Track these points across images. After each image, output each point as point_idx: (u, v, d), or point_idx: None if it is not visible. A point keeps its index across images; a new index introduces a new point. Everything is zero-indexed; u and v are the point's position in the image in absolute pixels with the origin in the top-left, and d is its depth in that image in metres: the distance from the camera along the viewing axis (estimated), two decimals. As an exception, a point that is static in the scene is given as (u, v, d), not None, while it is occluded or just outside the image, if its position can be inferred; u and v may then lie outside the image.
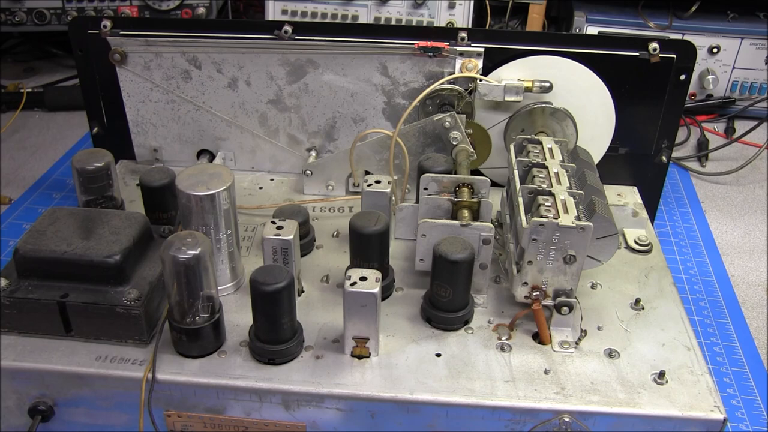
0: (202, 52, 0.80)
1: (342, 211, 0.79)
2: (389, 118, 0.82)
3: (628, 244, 0.74)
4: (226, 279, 0.66)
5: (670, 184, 1.04)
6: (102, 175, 0.70)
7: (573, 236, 0.58)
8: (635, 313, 0.65)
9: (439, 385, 0.57)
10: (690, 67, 0.78)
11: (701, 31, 1.15)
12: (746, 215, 0.99)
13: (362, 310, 0.56)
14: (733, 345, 0.77)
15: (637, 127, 0.81)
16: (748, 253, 0.92)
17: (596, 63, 0.78)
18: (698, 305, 0.82)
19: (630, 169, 0.84)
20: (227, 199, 0.62)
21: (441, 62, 0.78)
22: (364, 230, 0.62)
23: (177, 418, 0.58)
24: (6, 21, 1.19)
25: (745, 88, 1.18)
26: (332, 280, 0.68)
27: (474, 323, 0.63)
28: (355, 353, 0.59)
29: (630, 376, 0.59)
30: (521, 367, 0.59)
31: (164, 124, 0.85)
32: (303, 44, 0.78)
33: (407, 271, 0.69)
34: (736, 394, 0.71)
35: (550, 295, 0.61)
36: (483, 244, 0.63)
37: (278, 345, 0.58)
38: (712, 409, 0.56)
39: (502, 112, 0.80)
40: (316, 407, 0.57)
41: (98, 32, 0.80)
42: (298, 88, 0.81)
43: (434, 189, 0.68)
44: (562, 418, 0.56)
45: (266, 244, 0.62)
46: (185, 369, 0.58)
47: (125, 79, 0.83)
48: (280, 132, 0.85)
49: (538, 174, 0.65)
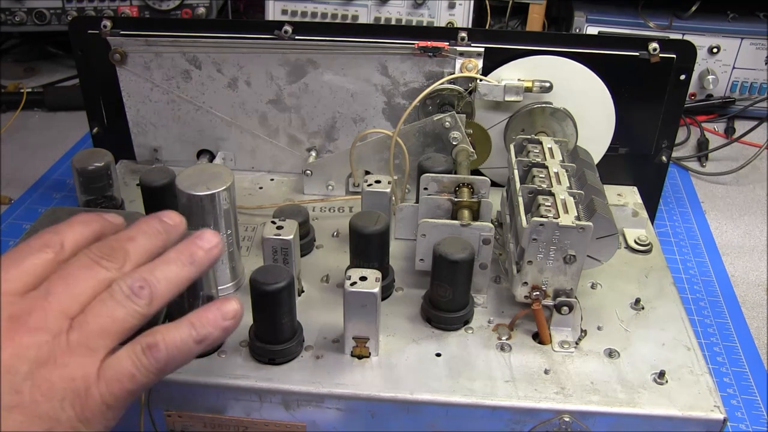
0: (202, 52, 0.80)
1: (342, 211, 0.79)
2: (389, 118, 0.82)
3: (628, 244, 0.74)
4: (226, 279, 0.66)
5: (670, 184, 1.03)
6: (102, 175, 0.70)
7: (573, 236, 0.58)
8: (635, 313, 0.65)
9: (439, 385, 0.57)
10: (690, 67, 0.78)
11: (701, 31, 1.15)
12: (746, 215, 0.99)
13: (362, 310, 0.56)
14: (733, 345, 0.77)
15: (637, 127, 0.81)
16: (748, 253, 0.92)
17: (596, 63, 0.78)
18: (698, 305, 0.82)
19: (630, 169, 0.84)
20: (227, 199, 0.62)
21: (441, 62, 0.78)
22: (364, 230, 0.62)
23: (177, 418, 0.58)
24: (6, 21, 1.19)
25: (745, 88, 1.18)
26: (332, 280, 0.68)
27: (474, 323, 0.63)
28: (355, 353, 0.59)
29: (630, 376, 0.59)
30: (521, 367, 0.59)
31: (164, 124, 0.85)
32: (303, 44, 0.78)
33: (407, 271, 0.69)
34: (736, 394, 0.71)
35: (550, 295, 0.61)
36: (483, 244, 0.63)
37: (278, 345, 0.58)
38: (712, 409, 0.56)
39: (502, 112, 0.80)
40: (316, 407, 0.57)
41: (98, 32, 0.80)
42: (298, 88, 0.81)
43: (434, 189, 0.68)
44: (562, 417, 0.56)
45: (266, 244, 0.62)
46: (185, 369, 0.57)
47: (125, 79, 0.83)
48: (280, 132, 0.85)
49: (538, 174, 0.65)
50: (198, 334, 0.43)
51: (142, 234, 0.45)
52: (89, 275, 0.42)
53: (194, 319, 0.44)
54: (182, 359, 0.43)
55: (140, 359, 0.41)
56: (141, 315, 0.42)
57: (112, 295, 0.41)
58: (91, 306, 0.41)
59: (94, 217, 0.46)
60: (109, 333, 0.41)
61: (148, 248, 0.45)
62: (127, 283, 0.42)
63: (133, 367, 0.41)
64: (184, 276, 0.44)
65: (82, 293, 0.41)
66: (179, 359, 0.43)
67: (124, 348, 0.41)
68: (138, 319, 0.42)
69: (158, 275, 0.43)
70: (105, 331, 0.41)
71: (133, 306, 0.41)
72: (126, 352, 0.41)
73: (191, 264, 0.45)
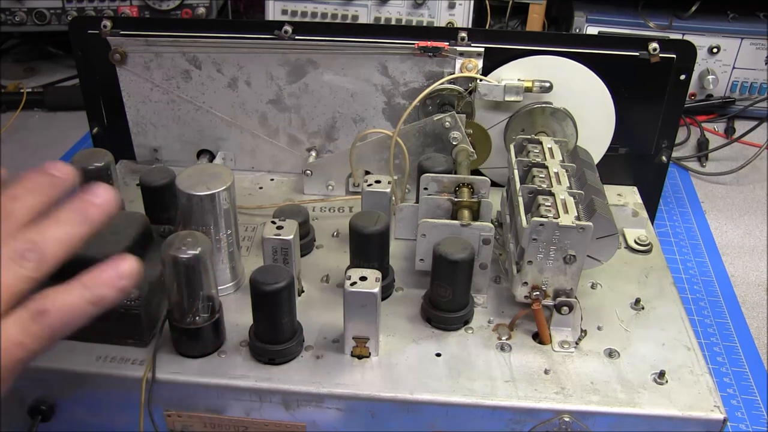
0: (202, 52, 0.80)
1: (342, 211, 0.79)
2: (389, 118, 0.82)
3: (628, 244, 0.74)
4: (226, 279, 0.66)
5: (670, 184, 1.03)
6: (102, 175, 0.70)
7: (573, 236, 0.58)
8: (635, 313, 0.65)
9: (439, 385, 0.57)
10: (690, 67, 0.78)
11: (701, 31, 1.15)
12: (746, 215, 0.99)
13: (362, 310, 0.56)
14: (733, 345, 0.77)
15: (637, 127, 0.81)
16: (748, 253, 0.92)
17: (596, 63, 0.78)
18: (698, 305, 0.82)
19: (630, 169, 0.84)
20: (227, 199, 0.62)
21: (441, 62, 0.78)
22: (364, 230, 0.62)
23: (177, 418, 0.58)
24: (6, 21, 1.19)
25: (745, 88, 1.18)
26: (332, 280, 0.68)
27: (474, 323, 0.63)
28: (355, 353, 0.59)
29: (630, 376, 0.59)
30: (521, 367, 0.59)
31: (164, 124, 0.85)
32: (303, 44, 0.78)
33: (407, 271, 0.69)
34: (736, 394, 0.71)
35: (550, 295, 0.61)
36: (483, 244, 0.63)
37: (278, 345, 0.58)
38: (712, 409, 0.56)
39: (502, 112, 0.80)
40: (316, 407, 0.57)
41: (98, 32, 0.80)
42: (298, 88, 0.81)
43: (434, 189, 0.68)
44: (562, 417, 0.56)
45: (266, 244, 0.62)
46: (185, 369, 0.58)
47: (125, 79, 0.83)
48: (280, 132, 0.85)
49: (538, 174, 0.65)
50: (92, 295, 0.40)
51: (27, 191, 0.42)
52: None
53: (87, 280, 0.41)
54: (75, 323, 0.40)
55: (29, 326, 0.39)
56: (30, 279, 0.39)
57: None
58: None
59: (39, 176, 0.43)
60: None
61: (33, 205, 0.41)
62: (15, 246, 0.39)
63: (22, 334, 0.38)
64: (76, 235, 0.41)
65: None
66: (72, 323, 0.40)
67: (12, 315, 0.39)
68: (27, 283, 0.39)
69: (47, 236, 0.40)
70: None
71: (21, 270, 0.39)
72: (13, 319, 0.39)
73: (83, 222, 0.42)
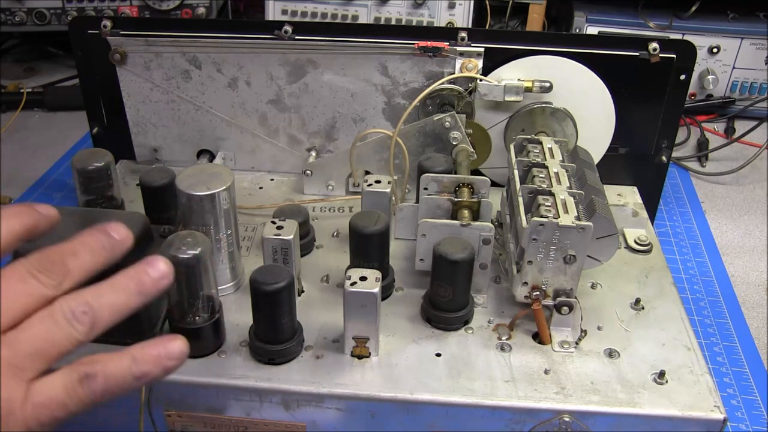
0: (202, 52, 0.80)
1: (342, 211, 0.79)
2: (389, 118, 0.82)
3: (628, 244, 0.74)
4: (226, 279, 0.66)
5: (670, 184, 1.03)
6: (102, 175, 0.70)
7: (573, 236, 0.58)
8: (635, 313, 0.65)
9: (439, 385, 0.57)
10: (690, 67, 0.78)
11: (701, 31, 1.15)
12: (746, 215, 0.99)
13: (362, 310, 0.56)
14: (733, 345, 0.77)
15: (637, 127, 0.81)
16: (748, 253, 0.92)
17: (596, 63, 0.78)
18: (698, 305, 0.82)
19: (630, 169, 0.84)
20: (227, 199, 0.62)
21: (441, 62, 0.78)
22: (364, 230, 0.62)
23: (177, 418, 0.58)
24: (6, 21, 1.19)
25: (745, 88, 1.18)
26: (332, 280, 0.68)
27: (474, 323, 0.63)
28: (355, 353, 0.59)
29: (630, 376, 0.59)
30: (521, 367, 0.59)
31: (164, 124, 0.85)
32: (303, 44, 0.78)
33: (407, 271, 0.69)
34: (736, 394, 0.71)
35: (550, 295, 0.61)
36: (483, 244, 0.63)
37: (278, 345, 0.58)
38: (712, 409, 0.56)
39: (502, 112, 0.80)
40: (316, 407, 0.57)
41: (98, 32, 0.80)
42: (298, 88, 0.81)
43: (434, 189, 0.68)
44: (562, 417, 0.56)
45: (266, 244, 0.62)
46: (185, 369, 0.57)
47: (125, 79, 0.83)
48: (280, 132, 0.85)
49: (538, 174, 0.65)
50: (138, 371, 0.40)
51: (86, 248, 0.42)
52: (23, 288, 0.38)
53: (137, 353, 0.41)
54: (118, 393, 0.40)
55: (75, 389, 0.38)
56: (78, 341, 0.39)
57: (52, 315, 0.38)
58: (27, 323, 0.38)
59: (25, 209, 0.42)
60: (43, 355, 0.38)
61: (90, 265, 0.41)
62: (71, 306, 0.39)
63: (66, 395, 0.38)
64: (129, 305, 0.41)
65: (14, 307, 0.38)
66: (115, 393, 0.40)
67: (59, 373, 0.38)
68: (74, 345, 0.39)
69: (103, 302, 0.40)
70: (38, 353, 0.38)
71: (73, 331, 0.38)
72: (61, 378, 0.38)
73: (138, 294, 0.42)
